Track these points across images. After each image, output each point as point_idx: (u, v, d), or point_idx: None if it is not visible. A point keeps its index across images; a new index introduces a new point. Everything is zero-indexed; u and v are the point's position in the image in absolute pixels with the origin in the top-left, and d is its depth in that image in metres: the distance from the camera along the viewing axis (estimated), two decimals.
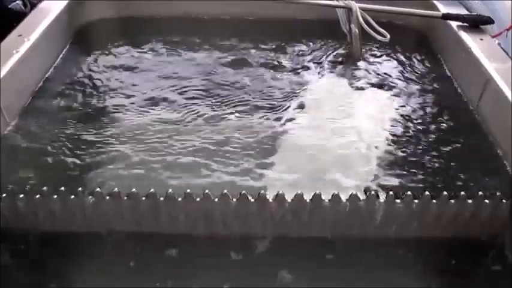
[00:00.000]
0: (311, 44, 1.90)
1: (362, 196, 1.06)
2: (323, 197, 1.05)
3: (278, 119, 1.49)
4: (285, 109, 1.53)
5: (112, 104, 1.54)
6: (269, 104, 1.55)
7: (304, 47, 1.88)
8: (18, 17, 1.76)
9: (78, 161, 1.30)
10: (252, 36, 1.93)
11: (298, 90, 1.63)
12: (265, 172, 1.28)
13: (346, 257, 1.09)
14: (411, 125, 1.47)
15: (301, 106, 1.56)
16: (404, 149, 1.37)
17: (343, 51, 1.85)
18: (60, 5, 1.81)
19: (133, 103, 1.55)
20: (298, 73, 1.73)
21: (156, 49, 1.86)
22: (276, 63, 1.78)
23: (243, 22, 2.02)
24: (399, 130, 1.44)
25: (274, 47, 1.88)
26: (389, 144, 1.39)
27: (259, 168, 1.29)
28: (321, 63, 1.79)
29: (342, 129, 1.45)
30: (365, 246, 1.10)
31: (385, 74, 1.72)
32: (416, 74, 1.73)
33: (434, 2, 1.89)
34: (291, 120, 1.49)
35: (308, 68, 1.75)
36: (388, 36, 1.71)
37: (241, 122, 1.46)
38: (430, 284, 1.06)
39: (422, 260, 1.09)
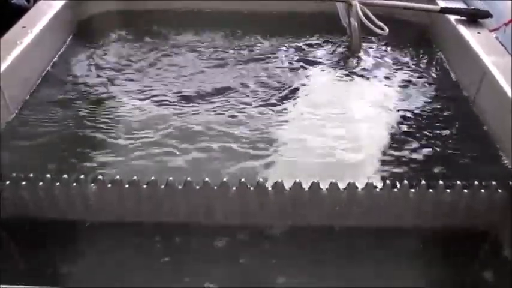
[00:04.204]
0: (310, 37, 1.90)
1: (360, 185, 1.08)
2: (321, 186, 1.08)
3: (277, 112, 1.49)
4: (284, 102, 1.54)
5: (113, 95, 1.55)
6: (268, 97, 1.56)
7: (303, 41, 1.88)
8: (21, 11, 1.76)
9: (79, 150, 1.31)
10: (251, 30, 1.94)
11: (298, 84, 1.64)
12: (267, 161, 1.29)
13: (344, 246, 1.11)
14: (409, 116, 1.48)
15: (300, 99, 1.57)
16: (402, 140, 1.38)
17: (342, 45, 1.86)
18: None
19: (135, 95, 1.56)
20: (297, 67, 1.73)
21: (158, 42, 1.87)
22: (275, 56, 1.79)
23: (241, 16, 2.03)
24: (397, 122, 1.45)
25: (273, 40, 1.89)
26: (387, 136, 1.40)
27: (260, 158, 1.31)
28: (320, 56, 1.80)
29: (340, 121, 1.46)
30: (361, 235, 1.12)
31: (383, 67, 1.74)
32: (415, 67, 1.73)
33: None
34: (290, 113, 1.50)
35: (307, 62, 1.76)
36: (387, 30, 1.72)
37: (240, 116, 1.47)
38: (425, 273, 1.07)
39: (417, 249, 1.10)
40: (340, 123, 1.45)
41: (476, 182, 1.09)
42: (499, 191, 1.09)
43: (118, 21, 1.99)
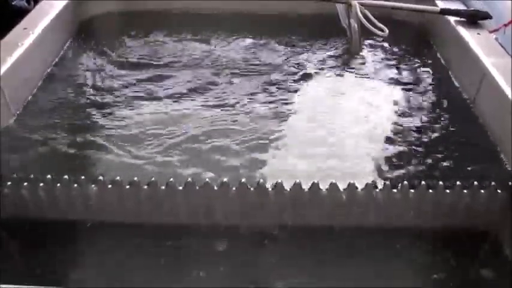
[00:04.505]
0: (311, 38, 1.90)
1: (360, 185, 1.08)
2: (321, 187, 1.08)
3: (277, 113, 1.50)
4: (284, 103, 1.55)
5: (114, 96, 1.55)
6: (269, 98, 1.57)
7: (303, 42, 1.89)
8: (22, 14, 1.77)
9: (80, 151, 1.31)
10: (251, 31, 1.94)
11: (297, 85, 1.64)
12: (267, 161, 1.30)
13: (344, 246, 1.10)
14: (409, 117, 1.48)
15: (300, 100, 1.57)
16: (402, 141, 1.38)
17: (342, 46, 1.86)
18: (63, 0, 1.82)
19: (135, 95, 1.56)
20: (297, 67, 1.73)
21: (159, 42, 1.87)
22: (276, 58, 1.79)
23: (242, 17, 2.03)
24: (397, 123, 1.46)
25: (273, 41, 1.89)
26: (387, 136, 1.40)
27: (259, 157, 1.31)
28: (320, 57, 1.80)
29: (340, 122, 1.46)
30: (360, 235, 1.12)
31: (383, 68, 1.74)
32: (414, 68, 1.74)
33: None
34: (290, 113, 1.50)
35: (307, 63, 1.76)
36: (387, 31, 1.73)
37: (239, 116, 1.48)
38: (425, 273, 1.07)
39: (417, 249, 1.10)
40: (340, 123, 1.45)
41: (476, 183, 1.09)
42: (499, 191, 1.09)
43: (119, 22, 2.00)
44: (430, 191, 1.08)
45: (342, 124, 1.46)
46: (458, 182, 1.09)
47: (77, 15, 1.92)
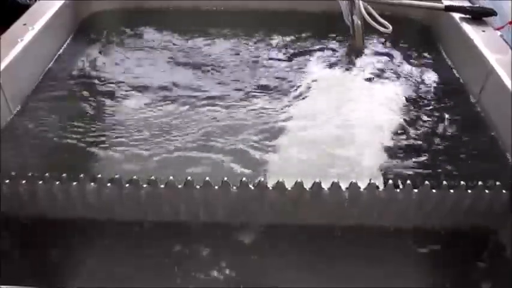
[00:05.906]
0: (312, 36, 1.89)
1: (362, 185, 1.07)
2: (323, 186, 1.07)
3: (278, 111, 1.49)
4: (285, 101, 1.54)
5: (115, 94, 1.54)
6: (269, 96, 1.56)
7: (305, 39, 1.88)
8: (22, 9, 1.76)
9: (80, 149, 1.30)
10: (251, 28, 1.93)
11: (299, 83, 1.63)
12: (268, 161, 1.29)
13: (345, 246, 1.10)
14: (412, 115, 1.47)
15: (301, 98, 1.56)
16: (403, 139, 1.37)
17: (345, 43, 1.85)
18: None
19: (137, 93, 1.55)
20: (299, 66, 1.72)
21: (161, 41, 1.86)
22: (278, 55, 1.78)
23: (243, 14, 2.02)
24: (399, 120, 1.44)
25: (275, 39, 1.88)
26: (388, 134, 1.39)
27: (260, 156, 1.30)
28: (322, 55, 1.78)
29: (343, 119, 1.45)
30: (363, 236, 1.11)
31: (387, 65, 1.73)
32: (418, 66, 1.72)
33: None
34: (291, 112, 1.49)
35: (309, 61, 1.75)
36: (391, 27, 1.72)
37: (243, 115, 1.46)
38: (426, 273, 1.07)
39: (419, 249, 1.09)
40: (342, 122, 1.44)
41: (480, 182, 1.08)
42: (503, 191, 1.08)
43: (121, 19, 1.98)
44: (434, 190, 1.07)
45: (343, 122, 1.44)
46: (462, 182, 1.08)
47: (78, 12, 1.91)
